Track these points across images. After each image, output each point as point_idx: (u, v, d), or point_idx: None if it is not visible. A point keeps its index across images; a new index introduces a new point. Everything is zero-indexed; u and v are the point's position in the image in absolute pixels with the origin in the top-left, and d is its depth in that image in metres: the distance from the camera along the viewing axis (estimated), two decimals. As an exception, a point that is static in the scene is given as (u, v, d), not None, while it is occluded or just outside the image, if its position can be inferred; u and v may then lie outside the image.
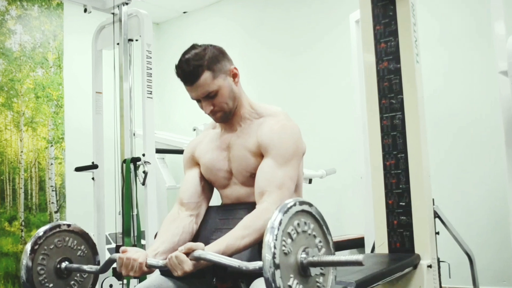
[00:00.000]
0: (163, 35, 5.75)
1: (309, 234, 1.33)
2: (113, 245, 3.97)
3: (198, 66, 1.68)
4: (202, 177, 1.84)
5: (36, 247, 1.73)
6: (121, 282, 3.27)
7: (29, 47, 4.63)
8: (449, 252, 3.14)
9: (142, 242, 3.37)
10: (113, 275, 3.51)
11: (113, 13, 3.51)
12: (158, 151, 3.89)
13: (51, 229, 1.77)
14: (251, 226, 1.55)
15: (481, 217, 3.57)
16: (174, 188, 4.59)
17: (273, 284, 1.18)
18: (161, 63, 5.45)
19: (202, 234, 1.75)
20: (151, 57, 3.44)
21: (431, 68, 3.69)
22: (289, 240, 1.26)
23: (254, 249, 1.56)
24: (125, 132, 3.42)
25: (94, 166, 3.70)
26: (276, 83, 4.74)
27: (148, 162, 3.29)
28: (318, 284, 1.32)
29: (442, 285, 2.90)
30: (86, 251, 1.87)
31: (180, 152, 1.83)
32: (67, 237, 1.82)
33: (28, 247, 1.72)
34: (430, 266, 2.53)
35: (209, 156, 1.81)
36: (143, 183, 3.27)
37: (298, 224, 1.29)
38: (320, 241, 1.35)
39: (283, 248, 1.23)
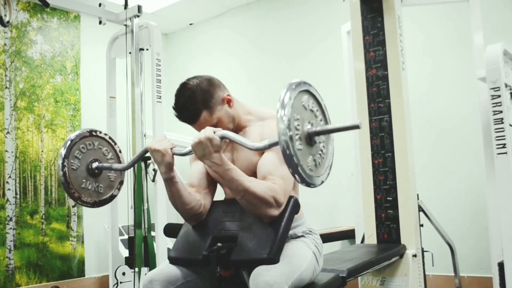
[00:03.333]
0: (171, 45, 5.76)
1: (311, 110, 1.39)
2: (126, 237, 3.97)
3: (195, 109, 1.69)
4: (207, 172, 1.84)
5: (72, 146, 1.79)
6: (133, 270, 3.27)
7: (49, 56, 4.64)
8: (432, 242, 3.15)
9: (152, 233, 3.37)
10: (125, 264, 3.51)
11: (125, 25, 3.52)
12: (167, 150, 3.89)
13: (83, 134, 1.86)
14: (258, 182, 1.58)
15: (461, 211, 3.57)
16: (181, 184, 4.58)
17: (287, 151, 1.23)
18: (170, 70, 5.46)
19: (207, 226, 1.74)
20: (160, 65, 3.45)
21: (416, 75, 3.69)
22: (296, 115, 1.31)
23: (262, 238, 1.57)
24: (137, 133, 3.43)
25: (108, 164, 3.71)
26: (274, 87, 4.74)
27: (158, 161, 3.29)
28: (321, 151, 1.42)
29: (426, 273, 2.91)
30: (114, 158, 1.95)
31: (187, 151, 1.82)
32: (97, 141, 1.89)
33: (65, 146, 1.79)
34: (415, 256, 2.53)
35: None
36: (153, 180, 3.28)
37: (302, 101, 1.35)
38: (319, 115, 1.43)
39: (294, 121, 1.29)
